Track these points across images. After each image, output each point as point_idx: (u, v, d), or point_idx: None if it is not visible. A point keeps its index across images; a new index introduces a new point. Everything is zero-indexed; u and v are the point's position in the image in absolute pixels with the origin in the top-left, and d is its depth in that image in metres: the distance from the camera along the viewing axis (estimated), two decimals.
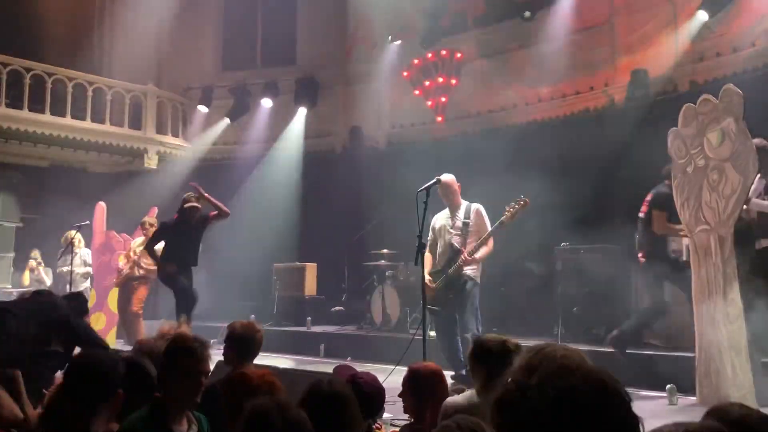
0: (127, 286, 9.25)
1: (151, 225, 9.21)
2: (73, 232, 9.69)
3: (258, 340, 3.65)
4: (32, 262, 11.03)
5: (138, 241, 9.40)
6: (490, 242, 6.18)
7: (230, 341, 3.63)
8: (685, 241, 6.20)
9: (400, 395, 3.12)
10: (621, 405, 1.17)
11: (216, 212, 7.90)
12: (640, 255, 6.63)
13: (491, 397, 1.29)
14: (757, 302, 5.24)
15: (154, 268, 8.93)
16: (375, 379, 3.15)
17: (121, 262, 9.53)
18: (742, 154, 5.13)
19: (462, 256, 6.14)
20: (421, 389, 3.03)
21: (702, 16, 8.46)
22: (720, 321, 5.26)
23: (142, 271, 9.23)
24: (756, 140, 5.23)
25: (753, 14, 8.17)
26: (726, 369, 5.18)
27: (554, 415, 1.14)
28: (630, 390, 1.26)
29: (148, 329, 8.51)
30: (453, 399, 3.16)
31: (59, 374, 3.62)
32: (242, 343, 3.60)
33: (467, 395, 2.99)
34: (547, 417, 1.14)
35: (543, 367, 1.28)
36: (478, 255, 6.16)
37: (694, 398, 5.52)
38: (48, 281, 10.77)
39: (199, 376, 2.60)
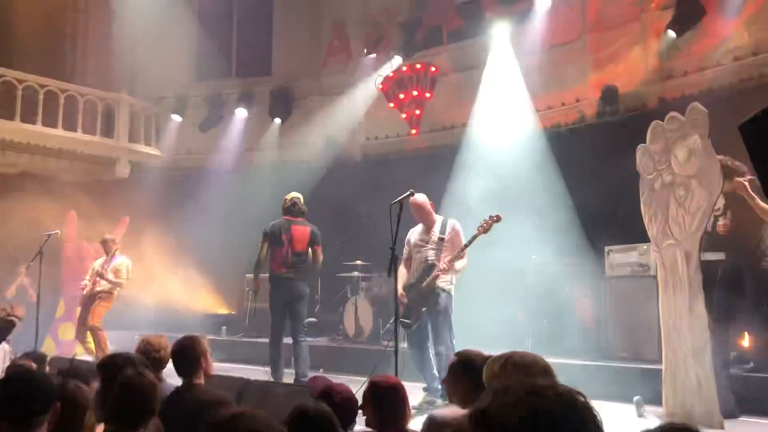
0: (90, 302, 8.98)
1: (114, 242, 9.04)
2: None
3: (194, 353, 3.64)
4: (21, 274, 10.80)
5: (99, 261, 9.08)
6: (465, 257, 6.26)
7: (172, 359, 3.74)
8: (653, 255, 6.32)
9: (360, 407, 3.14)
10: (592, 423, 1.22)
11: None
12: None
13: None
14: (721, 315, 5.38)
15: (118, 283, 8.78)
16: (349, 390, 3.16)
17: (86, 280, 9.25)
18: (708, 171, 5.26)
19: (438, 267, 6.20)
20: (381, 402, 3.04)
21: (670, 35, 8.67)
22: (686, 334, 5.37)
23: (102, 287, 8.94)
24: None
25: (718, 35, 8.40)
26: (691, 381, 5.29)
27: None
28: (598, 402, 1.31)
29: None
30: (440, 413, 3.18)
31: None
32: (177, 359, 3.67)
33: (451, 410, 3.01)
34: None
35: (514, 380, 1.31)
36: (457, 265, 6.22)
37: (661, 409, 5.62)
38: (34, 296, 10.52)
39: None
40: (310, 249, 7.42)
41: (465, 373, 2.94)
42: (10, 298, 10.47)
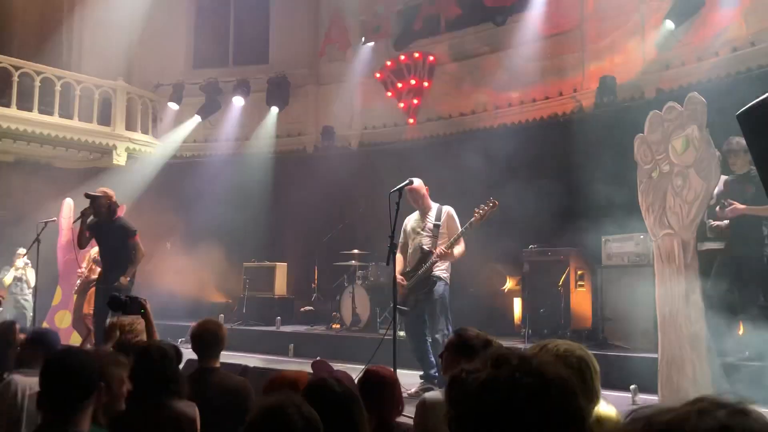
0: (85, 290, 9.03)
1: None
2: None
3: (220, 337, 3.70)
4: (19, 262, 10.79)
5: (96, 249, 9.11)
6: (461, 243, 6.27)
7: (193, 340, 3.72)
8: (651, 244, 6.34)
9: None
10: (558, 393, 1.21)
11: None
12: None
13: None
14: (716, 303, 5.41)
15: None
16: (350, 378, 3.18)
17: (82, 268, 9.30)
18: (705, 161, 5.27)
19: (435, 253, 6.21)
20: (371, 392, 3.06)
21: (669, 25, 8.66)
22: (682, 323, 5.40)
23: (97, 275, 8.95)
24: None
25: (716, 25, 8.39)
26: (687, 370, 5.32)
27: (486, 397, 1.19)
28: None
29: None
30: (432, 394, 3.20)
31: None
32: (202, 341, 3.68)
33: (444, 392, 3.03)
34: (481, 400, 1.20)
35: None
36: (455, 251, 6.23)
37: (657, 398, 5.66)
38: (32, 282, 10.51)
39: None
40: None
41: (461, 352, 2.97)
42: (8, 285, 10.47)
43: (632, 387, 5.78)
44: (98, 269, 8.82)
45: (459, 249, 6.28)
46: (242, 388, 3.54)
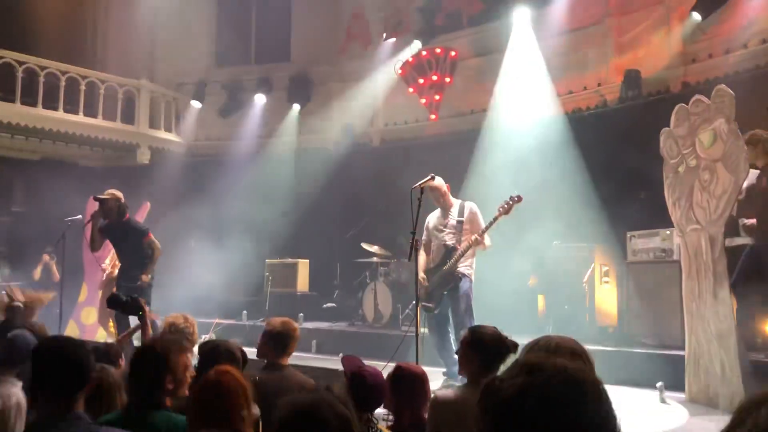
0: (109, 286, 9.19)
1: None
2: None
3: (295, 337, 3.88)
4: (46, 257, 10.98)
5: None
6: (486, 237, 6.22)
7: (267, 337, 3.86)
8: (677, 240, 6.25)
9: None
10: (593, 398, 1.21)
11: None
12: None
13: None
14: (745, 300, 5.31)
15: None
16: (379, 374, 3.18)
17: (106, 264, 9.51)
18: (734, 155, 5.17)
19: (459, 250, 6.16)
20: (401, 389, 3.07)
21: (695, 17, 8.51)
22: (710, 319, 5.31)
23: None
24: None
25: (744, 16, 8.24)
26: (715, 367, 5.23)
27: (523, 405, 1.19)
28: (621, 387, 1.31)
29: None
30: (443, 393, 3.20)
31: None
32: (279, 340, 3.83)
33: (457, 389, 3.03)
34: (517, 407, 1.19)
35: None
36: (487, 242, 6.17)
37: (684, 395, 5.58)
38: (58, 276, 10.68)
39: None
40: None
41: (475, 349, 3.00)
42: (37, 279, 10.63)
43: (659, 384, 5.69)
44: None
45: (488, 241, 6.24)
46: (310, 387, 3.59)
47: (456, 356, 6.11)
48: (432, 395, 3.14)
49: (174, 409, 2.67)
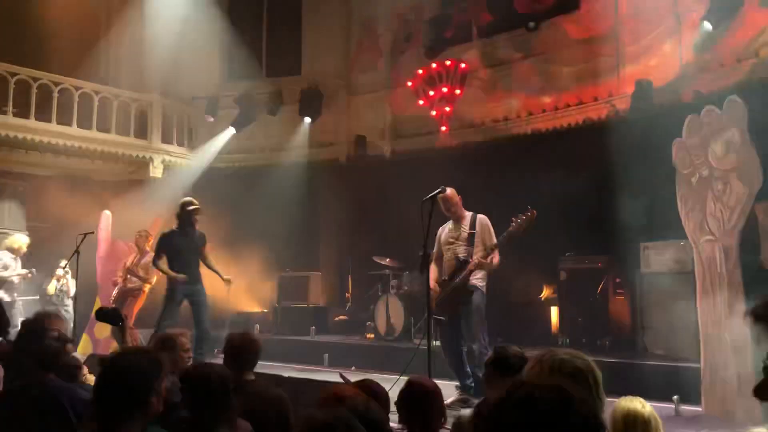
0: (122, 299, 9.32)
1: (144, 237, 9.49)
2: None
3: (254, 351, 3.71)
4: (59, 272, 11.03)
5: (131, 258, 9.59)
6: (497, 253, 6.19)
7: (226, 353, 3.72)
8: (691, 251, 6.19)
9: (395, 403, 3.14)
10: (579, 411, 1.23)
11: None
12: None
13: None
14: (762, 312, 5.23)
15: (147, 279, 9.21)
16: (383, 390, 3.16)
17: (118, 277, 9.66)
18: (747, 165, 5.14)
19: (472, 263, 6.13)
20: (414, 403, 3.04)
21: (706, 26, 8.47)
22: (725, 331, 5.25)
23: (133, 284, 9.31)
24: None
25: (756, 25, 8.19)
26: (732, 380, 5.17)
27: (514, 421, 1.23)
28: None
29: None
30: (468, 411, 3.16)
31: None
32: (237, 354, 3.68)
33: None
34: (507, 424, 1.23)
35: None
36: (495, 260, 6.15)
37: (700, 408, 5.51)
38: (72, 291, 10.73)
39: None
40: None
41: (501, 371, 2.97)
42: (51, 295, 10.67)
43: (675, 397, 5.64)
44: (134, 279, 9.15)
45: (496, 259, 6.20)
46: (281, 400, 3.53)
47: (468, 369, 6.12)
48: (457, 416, 3.11)
49: None
